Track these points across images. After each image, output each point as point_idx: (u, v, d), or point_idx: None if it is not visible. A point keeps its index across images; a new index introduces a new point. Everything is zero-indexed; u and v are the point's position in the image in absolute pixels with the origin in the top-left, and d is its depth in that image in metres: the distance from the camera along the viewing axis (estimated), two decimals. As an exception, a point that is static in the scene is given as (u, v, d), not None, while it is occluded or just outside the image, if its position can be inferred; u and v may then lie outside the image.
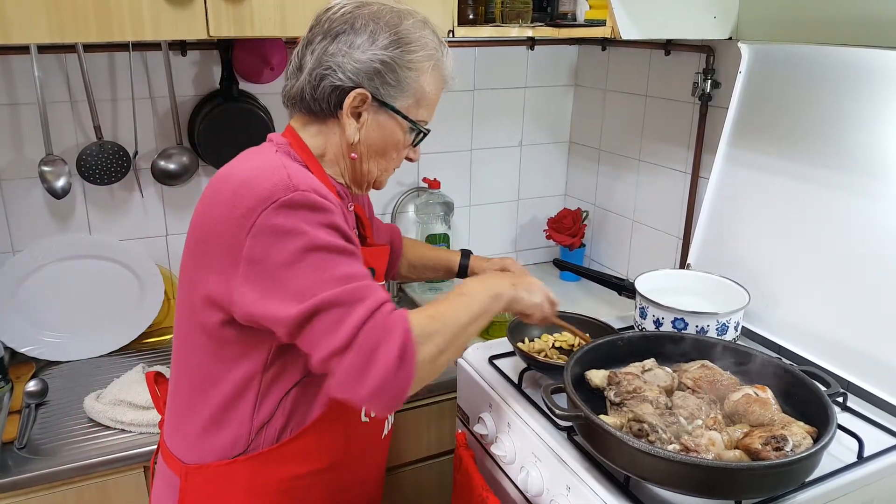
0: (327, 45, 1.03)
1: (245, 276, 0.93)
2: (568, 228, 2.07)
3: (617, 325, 1.57)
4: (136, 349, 1.76)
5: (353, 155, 1.09)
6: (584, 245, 2.12)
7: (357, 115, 1.05)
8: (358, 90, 1.02)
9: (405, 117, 1.07)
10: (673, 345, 1.29)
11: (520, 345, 1.38)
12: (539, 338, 1.46)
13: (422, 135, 1.12)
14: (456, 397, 1.51)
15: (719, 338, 1.35)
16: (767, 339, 1.49)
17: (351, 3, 1.06)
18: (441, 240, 2.03)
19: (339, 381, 0.91)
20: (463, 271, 1.46)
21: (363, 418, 1.15)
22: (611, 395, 1.17)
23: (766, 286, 1.49)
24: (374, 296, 0.93)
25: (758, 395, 1.16)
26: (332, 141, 1.08)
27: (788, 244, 1.46)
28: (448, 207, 2.03)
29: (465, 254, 1.48)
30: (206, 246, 0.98)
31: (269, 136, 1.10)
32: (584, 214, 2.13)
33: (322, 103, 1.04)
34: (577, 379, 1.19)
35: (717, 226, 1.61)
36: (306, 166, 1.05)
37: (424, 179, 2.02)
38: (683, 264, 1.81)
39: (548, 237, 2.13)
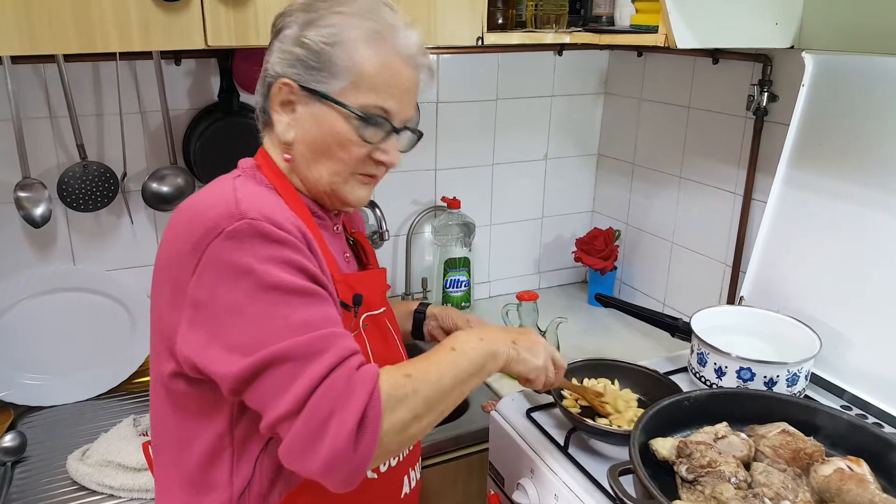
0: (270, 46, 0.95)
1: (190, 321, 0.81)
2: (600, 251, 1.90)
3: (664, 367, 1.41)
4: (126, 390, 1.59)
5: (286, 156, 0.95)
6: (615, 268, 1.95)
7: (292, 111, 0.93)
8: (281, 80, 0.92)
9: (339, 103, 0.90)
10: (744, 404, 1.12)
11: (567, 403, 1.21)
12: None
13: (375, 125, 0.92)
14: (487, 450, 1.34)
15: (796, 396, 1.20)
16: (838, 387, 1.33)
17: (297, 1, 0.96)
18: (461, 264, 1.87)
19: (286, 449, 0.78)
20: (419, 322, 1.26)
21: (369, 474, 0.98)
22: (682, 470, 1.00)
23: (833, 326, 1.33)
24: (336, 348, 0.80)
25: (852, 471, 1.00)
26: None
27: (858, 278, 1.30)
28: (468, 229, 1.86)
29: (424, 304, 1.30)
30: (160, 289, 0.89)
31: (239, 161, 0.98)
32: (617, 234, 1.96)
33: (266, 108, 0.95)
34: (641, 449, 1.02)
35: (775, 255, 1.45)
36: (275, 188, 0.93)
37: (443, 198, 1.85)
38: (732, 294, 1.65)
39: (576, 259, 1.96)
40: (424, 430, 0.86)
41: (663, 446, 1.04)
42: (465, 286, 1.89)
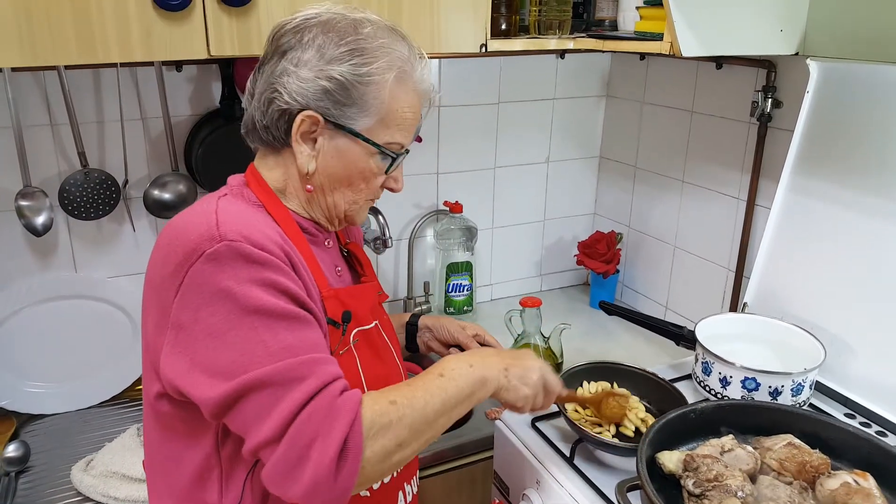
0: (275, 65, 0.91)
1: (172, 344, 0.81)
2: (602, 254, 1.90)
3: (668, 374, 1.40)
4: (129, 398, 1.59)
5: (308, 187, 0.94)
6: (617, 271, 1.95)
7: (312, 141, 0.92)
8: (306, 112, 0.89)
9: (368, 140, 0.92)
10: (750, 415, 1.12)
11: (573, 415, 1.20)
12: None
13: (394, 160, 0.96)
14: (491, 458, 1.34)
15: (801, 405, 1.20)
16: (842, 395, 1.33)
17: (301, 16, 0.93)
18: (463, 268, 1.86)
19: (268, 475, 0.78)
20: (412, 335, 1.26)
21: (363, 492, 0.98)
22: (689, 484, 1.00)
23: (837, 334, 1.33)
24: (318, 374, 0.79)
25: (859, 485, 1.00)
26: (291, 172, 0.95)
27: (862, 285, 1.30)
28: (470, 233, 1.85)
29: (416, 315, 1.30)
30: (147, 307, 0.87)
31: (229, 178, 0.97)
32: (619, 237, 1.95)
33: (273, 130, 0.92)
34: (647, 463, 1.02)
35: (779, 262, 1.45)
36: (262, 206, 0.92)
37: (445, 203, 1.84)
38: (735, 299, 1.65)
39: (579, 263, 1.96)
40: (408, 458, 0.85)
41: (670, 460, 1.04)
42: (467, 290, 1.89)
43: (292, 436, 0.76)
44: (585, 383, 1.28)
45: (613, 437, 1.16)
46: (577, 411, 1.23)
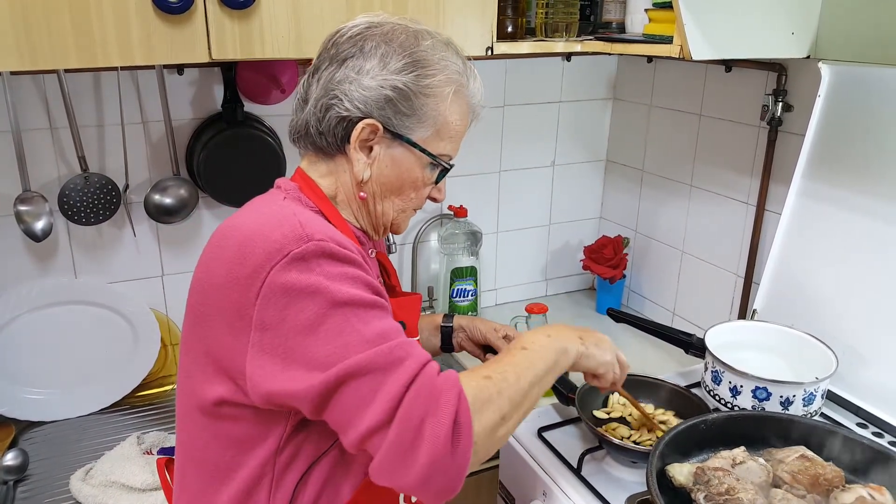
0: (334, 72, 0.91)
1: (259, 347, 0.79)
2: (608, 259, 1.87)
3: (677, 383, 1.38)
4: (129, 404, 1.57)
5: (361, 195, 0.95)
6: (624, 276, 1.93)
7: (368, 149, 0.93)
8: (367, 120, 0.90)
9: (423, 150, 0.93)
10: (762, 426, 1.10)
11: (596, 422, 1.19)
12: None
13: (444, 171, 0.98)
14: (497, 467, 1.32)
15: (812, 414, 1.18)
16: (854, 404, 1.31)
17: (362, 24, 0.93)
18: (468, 273, 1.84)
19: (380, 463, 0.76)
20: (447, 335, 1.26)
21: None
22: (700, 498, 0.98)
23: (848, 341, 1.31)
24: (415, 355, 0.79)
25: (874, 499, 0.97)
26: (343, 180, 0.96)
27: (874, 292, 1.28)
28: (475, 237, 1.83)
29: (448, 316, 1.30)
30: (209, 312, 0.84)
31: (277, 181, 0.96)
32: (626, 242, 1.93)
33: (328, 137, 0.92)
34: (657, 476, 1.00)
35: (790, 269, 1.42)
36: (320, 211, 0.92)
37: (450, 207, 1.82)
38: (744, 306, 1.62)
39: (585, 268, 1.93)
40: (510, 433, 0.85)
41: (680, 473, 1.02)
42: (471, 295, 1.86)
43: (402, 417, 0.75)
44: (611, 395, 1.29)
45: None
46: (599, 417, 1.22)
